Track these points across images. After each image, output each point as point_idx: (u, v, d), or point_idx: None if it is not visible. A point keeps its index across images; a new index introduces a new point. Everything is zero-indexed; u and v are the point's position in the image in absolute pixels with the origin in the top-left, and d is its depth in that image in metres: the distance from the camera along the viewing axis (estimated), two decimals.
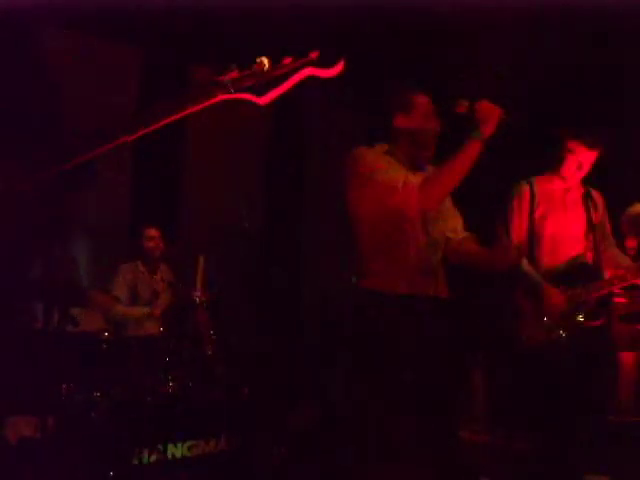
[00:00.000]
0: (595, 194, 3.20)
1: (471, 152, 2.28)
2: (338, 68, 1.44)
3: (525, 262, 3.03)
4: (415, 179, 2.36)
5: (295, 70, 1.42)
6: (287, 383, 4.44)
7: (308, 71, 1.42)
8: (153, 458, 3.07)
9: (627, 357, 4.27)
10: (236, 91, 1.43)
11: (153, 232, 4.14)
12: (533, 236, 3.06)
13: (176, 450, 3.17)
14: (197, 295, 3.74)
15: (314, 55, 1.43)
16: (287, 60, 1.43)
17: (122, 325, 3.93)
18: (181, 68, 4.84)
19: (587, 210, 3.11)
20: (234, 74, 1.45)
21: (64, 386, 3.11)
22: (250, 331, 4.71)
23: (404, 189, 2.32)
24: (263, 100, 1.44)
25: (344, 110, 5.77)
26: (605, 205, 3.23)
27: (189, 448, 3.22)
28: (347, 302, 2.62)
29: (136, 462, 3.01)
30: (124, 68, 4.85)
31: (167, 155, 4.76)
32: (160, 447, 3.11)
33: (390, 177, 2.36)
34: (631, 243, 4.26)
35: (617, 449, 3.69)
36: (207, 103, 1.45)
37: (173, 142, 4.76)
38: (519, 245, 2.96)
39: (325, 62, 1.44)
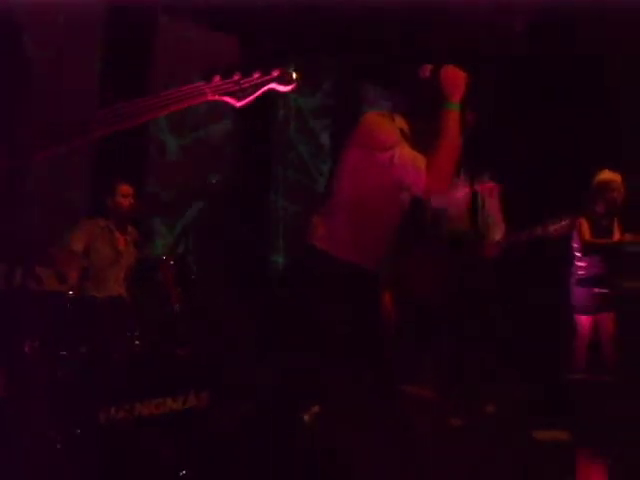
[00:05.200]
0: None
1: (453, 124, 2.27)
2: (293, 85, 1.88)
3: None
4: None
5: (262, 84, 1.86)
6: (255, 338, 4.47)
7: (271, 85, 1.87)
8: (120, 416, 3.08)
9: (584, 320, 4.42)
10: (220, 94, 1.81)
11: (127, 189, 4.00)
12: None
13: (143, 408, 3.18)
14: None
15: (276, 73, 1.87)
16: (257, 74, 1.86)
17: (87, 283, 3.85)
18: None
19: None
20: (217, 80, 1.81)
21: (28, 345, 3.07)
22: (217, 287, 4.70)
23: (421, 170, 2.28)
24: (239, 104, 1.85)
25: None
26: None
27: (156, 406, 3.23)
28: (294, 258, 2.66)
29: (103, 420, 3.01)
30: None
31: None
32: (127, 405, 3.11)
33: (414, 156, 2.29)
34: (600, 208, 4.37)
35: (571, 406, 3.86)
36: (194, 102, 1.79)
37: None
38: None
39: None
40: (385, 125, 2.39)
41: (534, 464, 3.13)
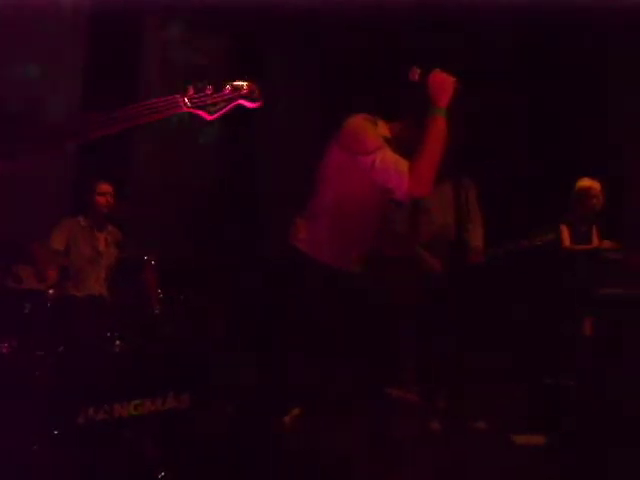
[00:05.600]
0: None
1: (438, 129, 2.28)
2: (260, 102, 1.92)
3: None
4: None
5: (232, 99, 1.90)
6: (238, 341, 4.45)
7: (239, 101, 1.91)
8: (99, 417, 3.05)
9: None
10: (193, 107, 1.88)
11: (106, 187, 3.98)
12: None
13: (122, 409, 3.16)
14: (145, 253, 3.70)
15: (245, 89, 1.91)
16: (228, 89, 1.90)
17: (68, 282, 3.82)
18: None
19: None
20: (191, 93, 1.87)
21: (5, 344, 3.04)
22: (201, 289, 4.68)
23: (403, 174, 2.30)
24: (210, 118, 1.90)
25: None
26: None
27: (135, 407, 3.21)
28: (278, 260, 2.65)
29: (81, 421, 2.99)
30: None
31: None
32: (106, 406, 3.09)
33: (396, 159, 2.31)
34: (579, 215, 4.41)
35: (552, 410, 3.89)
36: (170, 113, 1.89)
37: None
38: None
39: None
40: (368, 129, 2.39)
41: (517, 468, 3.16)
